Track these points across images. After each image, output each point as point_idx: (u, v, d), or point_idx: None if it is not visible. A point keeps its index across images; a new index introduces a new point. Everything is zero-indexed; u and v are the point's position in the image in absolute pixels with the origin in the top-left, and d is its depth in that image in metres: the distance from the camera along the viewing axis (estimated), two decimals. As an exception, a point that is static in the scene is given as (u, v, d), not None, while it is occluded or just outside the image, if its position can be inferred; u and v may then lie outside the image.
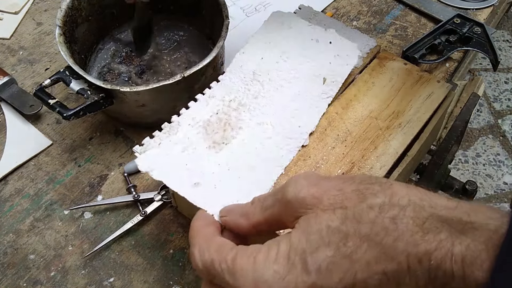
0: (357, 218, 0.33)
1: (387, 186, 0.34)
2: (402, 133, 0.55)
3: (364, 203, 0.34)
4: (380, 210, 0.33)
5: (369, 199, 0.34)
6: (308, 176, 0.37)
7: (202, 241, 0.39)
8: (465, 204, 0.32)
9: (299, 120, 0.54)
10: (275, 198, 0.38)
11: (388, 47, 0.79)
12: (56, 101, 0.61)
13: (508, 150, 1.79)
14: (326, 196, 0.35)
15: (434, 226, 0.32)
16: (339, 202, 0.35)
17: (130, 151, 0.66)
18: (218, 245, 0.37)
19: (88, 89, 0.61)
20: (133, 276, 0.56)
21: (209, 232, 0.40)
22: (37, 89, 0.62)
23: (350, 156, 0.53)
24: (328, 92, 0.57)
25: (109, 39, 0.76)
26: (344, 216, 0.34)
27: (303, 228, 0.35)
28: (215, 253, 0.36)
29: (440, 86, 0.59)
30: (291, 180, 0.38)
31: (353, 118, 0.56)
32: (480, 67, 2.03)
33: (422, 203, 0.33)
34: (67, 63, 0.61)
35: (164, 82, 0.59)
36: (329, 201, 0.35)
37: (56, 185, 0.63)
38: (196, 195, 0.47)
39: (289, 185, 0.37)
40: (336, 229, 0.34)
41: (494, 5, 0.86)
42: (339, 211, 0.34)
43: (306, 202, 0.36)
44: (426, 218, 0.32)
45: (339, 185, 0.36)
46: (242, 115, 0.55)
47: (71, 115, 0.60)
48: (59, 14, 0.65)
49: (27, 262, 0.57)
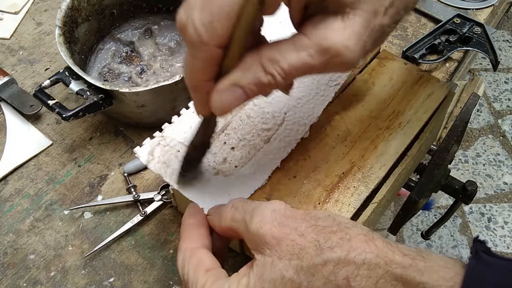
0: (311, 272, 0.34)
1: (346, 239, 0.35)
2: (402, 133, 0.55)
3: (320, 257, 0.34)
4: (335, 267, 0.34)
5: (326, 253, 0.34)
6: (276, 211, 0.38)
7: (188, 249, 0.41)
8: (419, 262, 0.33)
9: (302, 110, 0.54)
10: (243, 218, 0.39)
11: (388, 47, 0.79)
12: (55, 102, 0.61)
13: (508, 150, 1.79)
14: (285, 241, 0.36)
15: (388, 284, 0.33)
16: (297, 251, 0.35)
17: (130, 151, 0.66)
18: (197, 261, 0.40)
19: (88, 89, 0.61)
20: (133, 276, 0.56)
21: (197, 237, 0.42)
22: (37, 89, 0.62)
23: (350, 155, 0.53)
24: (336, 79, 0.56)
25: (109, 39, 0.76)
26: (299, 268, 0.35)
27: (260, 273, 0.36)
28: (192, 272, 0.39)
29: (440, 86, 0.59)
30: (260, 208, 0.38)
31: (353, 117, 0.56)
32: (480, 67, 2.03)
33: (377, 261, 0.33)
34: (67, 64, 0.61)
35: (163, 82, 0.59)
36: (287, 247, 0.36)
37: (56, 185, 0.63)
38: (190, 188, 0.48)
39: (255, 216, 0.38)
40: (290, 280, 0.35)
41: (494, 5, 0.86)
42: (295, 261, 0.35)
43: (266, 240, 0.37)
44: (381, 277, 0.33)
45: (301, 229, 0.36)
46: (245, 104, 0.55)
47: (71, 116, 0.60)
48: (59, 15, 0.65)
49: (27, 262, 0.57)
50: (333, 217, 0.37)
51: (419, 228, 1.61)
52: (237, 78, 0.36)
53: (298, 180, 0.51)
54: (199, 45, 0.35)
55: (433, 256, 0.34)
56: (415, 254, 0.34)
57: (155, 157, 0.51)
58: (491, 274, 0.31)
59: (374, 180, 0.51)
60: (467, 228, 1.62)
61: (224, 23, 0.33)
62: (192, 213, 0.45)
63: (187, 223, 0.44)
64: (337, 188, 0.50)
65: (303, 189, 0.50)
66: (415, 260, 0.33)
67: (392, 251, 0.34)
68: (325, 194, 0.50)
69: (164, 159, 0.51)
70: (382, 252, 0.34)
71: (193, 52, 0.36)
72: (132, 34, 0.76)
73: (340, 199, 0.49)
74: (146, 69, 0.72)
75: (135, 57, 0.74)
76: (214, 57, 0.36)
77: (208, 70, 0.37)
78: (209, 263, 0.40)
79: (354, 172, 0.51)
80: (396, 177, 0.52)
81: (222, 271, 0.40)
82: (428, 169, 0.61)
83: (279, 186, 0.50)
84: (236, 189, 0.49)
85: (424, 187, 0.60)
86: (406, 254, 0.34)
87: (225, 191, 0.49)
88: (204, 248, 0.42)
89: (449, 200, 1.58)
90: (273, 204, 0.39)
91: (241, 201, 0.42)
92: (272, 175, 0.51)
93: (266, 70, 0.36)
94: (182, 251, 0.42)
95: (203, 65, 0.36)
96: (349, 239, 0.35)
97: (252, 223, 0.38)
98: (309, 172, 0.51)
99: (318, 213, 0.38)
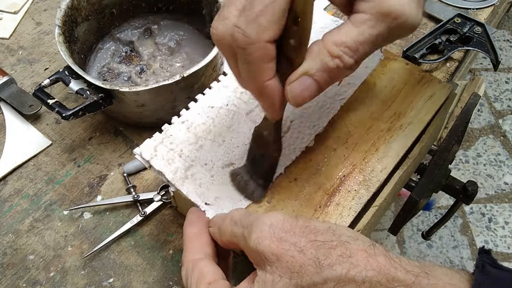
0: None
1: (347, 256, 0.34)
2: (403, 135, 0.54)
3: (320, 275, 0.34)
4: (335, 286, 0.33)
5: (325, 272, 0.34)
6: (274, 225, 0.37)
7: (190, 261, 0.42)
8: (423, 279, 0.32)
9: (308, 120, 0.54)
10: (242, 233, 0.39)
11: (388, 46, 0.78)
12: (55, 101, 0.61)
13: (509, 150, 1.79)
14: (285, 257, 0.35)
15: None
16: (297, 269, 0.35)
17: (130, 151, 0.66)
18: (199, 274, 0.40)
19: (88, 89, 0.61)
20: (132, 276, 0.56)
21: (198, 247, 0.43)
22: (36, 89, 0.62)
23: (351, 158, 0.52)
24: (342, 94, 0.57)
25: (109, 39, 0.75)
26: (299, 286, 0.34)
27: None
28: (194, 285, 0.40)
29: (442, 87, 0.59)
30: (257, 223, 0.38)
31: (354, 119, 0.56)
32: (480, 67, 2.03)
33: (379, 278, 0.33)
34: (67, 63, 0.61)
35: (163, 82, 0.59)
36: (287, 264, 0.35)
37: (56, 185, 0.63)
38: (191, 189, 0.48)
39: (253, 232, 0.38)
40: None
41: (494, 5, 0.86)
42: (295, 280, 0.35)
43: (265, 256, 0.36)
44: None
45: (300, 244, 0.36)
46: (251, 109, 0.55)
47: (70, 115, 0.60)
48: (58, 14, 0.65)
49: (26, 262, 0.57)
50: (333, 229, 0.36)
51: (420, 229, 1.61)
52: (306, 67, 0.37)
53: (299, 183, 0.51)
54: (250, 46, 0.35)
55: (438, 272, 0.33)
56: (419, 270, 0.33)
57: (158, 154, 0.51)
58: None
59: (375, 183, 0.50)
60: (467, 228, 1.62)
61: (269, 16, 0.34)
62: (193, 220, 0.45)
63: (188, 233, 0.44)
64: (338, 191, 0.50)
65: (304, 192, 0.50)
66: (418, 278, 0.32)
67: (394, 268, 0.33)
68: (326, 197, 0.49)
69: (168, 157, 0.51)
70: (384, 269, 0.33)
71: (245, 57, 0.36)
72: (131, 34, 0.76)
73: (341, 202, 0.49)
74: (145, 69, 0.72)
75: (135, 57, 0.74)
76: (269, 53, 0.36)
77: (266, 69, 0.37)
78: (210, 276, 0.40)
79: (355, 175, 0.51)
80: (397, 180, 0.52)
81: (225, 282, 0.39)
82: (428, 169, 0.61)
83: (280, 189, 0.50)
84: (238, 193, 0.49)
85: (425, 187, 0.60)
86: (409, 270, 0.33)
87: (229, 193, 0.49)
88: (206, 259, 0.42)
89: (449, 200, 1.58)
90: (270, 217, 0.38)
91: (239, 213, 0.41)
92: None
93: (332, 54, 0.37)
94: (185, 264, 0.42)
95: (260, 66, 0.37)
96: (350, 255, 0.34)
97: (251, 240, 0.37)
98: (310, 175, 0.51)
99: (317, 225, 0.37)
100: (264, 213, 0.40)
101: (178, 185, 0.49)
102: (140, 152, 0.51)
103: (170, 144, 0.52)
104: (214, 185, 0.49)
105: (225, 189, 0.49)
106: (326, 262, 0.34)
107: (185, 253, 0.43)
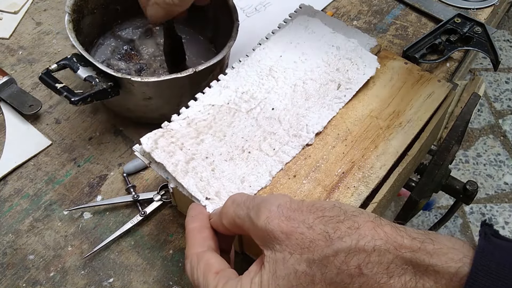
0: (323, 263, 0.34)
1: (355, 228, 0.35)
2: (402, 133, 0.55)
3: (330, 247, 0.35)
4: (346, 257, 0.34)
5: (336, 244, 0.35)
6: (282, 205, 0.38)
7: (194, 254, 0.41)
8: (428, 244, 0.34)
9: (307, 119, 0.55)
10: (247, 214, 0.39)
11: (388, 46, 0.78)
12: (63, 86, 0.59)
13: (509, 150, 1.79)
14: (295, 235, 0.36)
15: (398, 268, 0.33)
16: (307, 245, 0.35)
17: (130, 151, 0.66)
18: (205, 265, 0.40)
19: (96, 76, 0.60)
20: (132, 276, 0.56)
21: (201, 240, 0.43)
22: (44, 72, 0.60)
23: (350, 155, 0.53)
24: (341, 98, 0.57)
25: (110, 35, 0.76)
26: (311, 260, 0.35)
27: (273, 270, 0.36)
28: (202, 276, 0.40)
29: (441, 85, 0.59)
30: (265, 204, 0.38)
31: (353, 117, 0.56)
32: (480, 66, 2.03)
33: (387, 246, 0.34)
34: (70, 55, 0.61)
35: (175, 75, 0.59)
36: (297, 241, 0.36)
37: (56, 185, 0.63)
38: (192, 182, 0.48)
39: (262, 212, 0.38)
40: (303, 273, 0.35)
41: (494, 5, 0.86)
42: (306, 255, 0.35)
43: (275, 235, 0.37)
44: (391, 262, 0.33)
45: (309, 221, 0.36)
46: (252, 108, 0.55)
47: (79, 100, 0.58)
48: (68, 2, 0.65)
49: (26, 262, 0.57)
50: (339, 206, 0.37)
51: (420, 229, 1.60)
52: None
53: (298, 179, 0.51)
54: None
55: (442, 238, 0.34)
56: (424, 237, 0.34)
57: (159, 146, 0.51)
58: (501, 255, 0.32)
59: (374, 180, 0.51)
60: (467, 228, 1.62)
61: None
62: (194, 215, 0.45)
63: (190, 228, 0.44)
64: (337, 187, 0.50)
65: (303, 189, 0.50)
66: (424, 243, 0.34)
67: (401, 236, 0.34)
68: (325, 193, 0.50)
69: (169, 149, 0.51)
70: (391, 238, 0.34)
71: None
72: (133, 33, 0.76)
73: (340, 199, 0.49)
74: (145, 67, 0.72)
75: (135, 55, 0.74)
76: None
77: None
78: (217, 265, 0.40)
79: (354, 172, 0.51)
80: (397, 177, 0.52)
81: (232, 271, 0.40)
82: (428, 169, 0.61)
83: (279, 185, 0.50)
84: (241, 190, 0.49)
85: (425, 187, 0.60)
86: (415, 237, 0.34)
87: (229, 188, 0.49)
88: (210, 251, 0.42)
89: (449, 200, 1.58)
90: (277, 198, 0.39)
91: (242, 196, 0.42)
92: None
93: None
94: (189, 258, 0.42)
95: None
96: (358, 227, 0.35)
97: (260, 219, 0.38)
98: (309, 172, 0.51)
99: (323, 203, 0.38)
100: (270, 195, 0.40)
101: (179, 177, 0.49)
102: (140, 146, 0.51)
103: (171, 138, 0.52)
104: (214, 179, 0.49)
105: (226, 184, 0.49)
106: (336, 235, 0.35)
107: (188, 248, 0.43)
